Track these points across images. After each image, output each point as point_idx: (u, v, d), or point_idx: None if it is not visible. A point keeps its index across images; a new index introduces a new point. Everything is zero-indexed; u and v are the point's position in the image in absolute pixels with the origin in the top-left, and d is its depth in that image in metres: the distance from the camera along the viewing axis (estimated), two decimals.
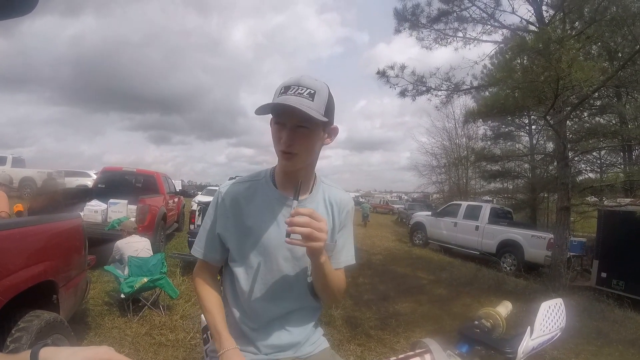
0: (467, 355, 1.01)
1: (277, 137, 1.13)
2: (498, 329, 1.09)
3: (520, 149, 17.46)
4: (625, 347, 4.92)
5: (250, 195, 1.25)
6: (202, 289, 1.29)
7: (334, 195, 1.32)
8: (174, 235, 10.50)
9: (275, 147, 1.16)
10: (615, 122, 11.62)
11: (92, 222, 6.84)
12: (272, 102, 1.08)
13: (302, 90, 1.08)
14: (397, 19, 9.15)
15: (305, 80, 1.10)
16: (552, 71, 5.83)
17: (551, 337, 1.05)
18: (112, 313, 4.57)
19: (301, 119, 1.09)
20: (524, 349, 0.96)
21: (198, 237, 1.31)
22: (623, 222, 7.28)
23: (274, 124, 1.14)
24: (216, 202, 1.27)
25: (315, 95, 1.09)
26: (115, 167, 9.89)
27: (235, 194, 1.25)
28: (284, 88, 1.09)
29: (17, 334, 2.17)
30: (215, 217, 1.27)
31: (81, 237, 3.39)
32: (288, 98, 1.07)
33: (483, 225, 11.84)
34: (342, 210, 1.31)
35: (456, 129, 25.10)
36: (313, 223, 1.03)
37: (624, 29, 7.22)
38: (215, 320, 1.21)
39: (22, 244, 2.44)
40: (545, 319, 1.02)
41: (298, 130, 1.11)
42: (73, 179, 17.84)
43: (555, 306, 1.07)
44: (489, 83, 9.30)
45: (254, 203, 1.24)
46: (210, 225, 1.28)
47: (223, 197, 1.25)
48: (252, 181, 1.28)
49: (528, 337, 0.97)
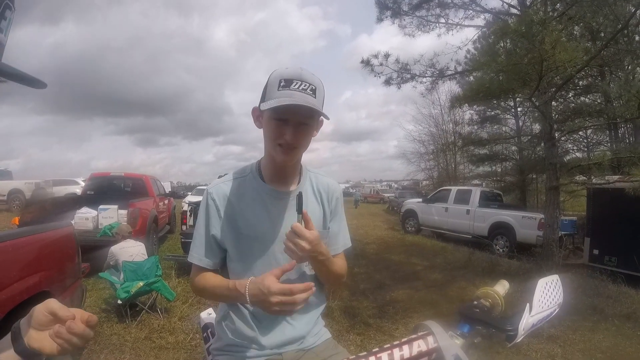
0: (468, 335, 1.02)
1: (277, 132, 1.13)
2: (497, 307, 1.10)
3: (507, 132, 17.65)
4: (621, 321, 5.00)
5: (240, 192, 1.25)
6: (202, 282, 1.26)
7: (322, 182, 1.35)
8: (167, 238, 10.46)
9: (271, 142, 1.16)
10: (600, 102, 11.76)
11: (84, 230, 6.78)
12: (283, 99, 1.06)
13: (305, 86, 1.09)
14: (379, 8, 9.15)
15: (306, 75, 1.10)
16: (536, 53, 5.87)
17: (549, 313, 1.06)
18: (110, 319, 4.55)
19: (306, 117, 1.11)
20: (524, 326, 0.97)
21: (193, 243, 1.28)
22: (612, 199, 7.37)
23: (273, 120, 1.12)
24: (206, 204, 1.26)
25: (317, 91, 1.11)
26: (103, 173, 9.81)
27: (224, 193, 1.25)
28: (285, 81, 1.09)
29: None
30: (207, 220, 1.25)
31: (73, 245, 3.36)
32: (294, 94, 1.07)
33: (474, 208, 11.94)
34: (331, 197, 1.35)
35: (442, 115, 25.24)
36: (298, 245, 1.06)
37: (605, 9, 7.27)
38: (222, 282, 1.21)
39: (15, 257, 2.42)
40: (544, 295, 1.03)
41: (300, 127, 1.12)
42: (61, 188, 17.64)
43: (552, 283, 1.08)
44: (473, 67, 9.34)
45: (245, 200, 1.24)
46: (204, 229, 1.26)
47: (213, 197, 1.25)
48: (240, 178, 1.28)
49: (527, 314, 0.98)
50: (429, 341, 0.96)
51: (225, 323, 1.30)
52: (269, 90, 1.11)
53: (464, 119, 22.01)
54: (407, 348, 0.94)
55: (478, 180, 20.37)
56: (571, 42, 6.17)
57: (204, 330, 1.68)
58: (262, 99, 1.15)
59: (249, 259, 1.24)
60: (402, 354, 0.92)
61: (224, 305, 1.32)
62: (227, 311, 1.30)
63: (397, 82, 9.41)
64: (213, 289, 1.22)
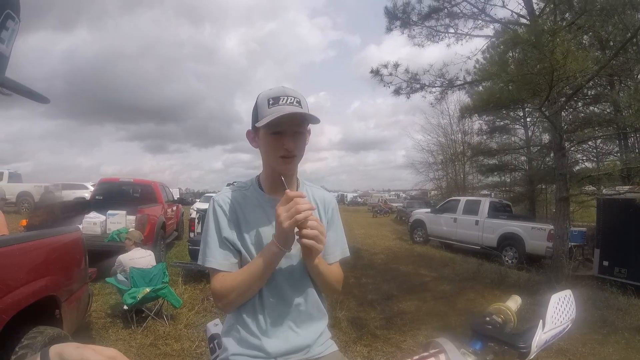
0: (480, 352, 1.00)
1: (276, 145, 1.21)
2: (509, 324, 1.08)
3: (516, 142, 17.51)
4: (631, 334, 4.92)
5: (242, 202, 1.31)
6: (229, 283, 1.22)
7: (318, 194, 1.44)
8: (174, 244, 10.48)
9: (271, 155, 1.25)
10: (609, 111, 11.65)
11: (91, 234, 6.80)
12: (276, 113, 1.15)
13: (291, 100, 1.20)
14: (388, 18, 9.16)
15: (289, 91, 1.22)
16: (547, 63, 5.83)
17: (562, 329, 1.05)
18: (116, 325, 4.55)
19: (299, 125, 1.22)
20: (537, 343, 0.95)
21: (206, 248, 1.27)
22: (622, 209, 7.28)
23: (269, 135, 1.21)
24: (213, 210, 1.30)
25: (301, 102, 1.22)
26: (112, 178, 9.87)
27: (229, 200, 1.31)
28: (273, 99, 1.20)
29: (21, 351, 2.15)
30: (217, 223, 1.28)
31: (81, 250, 3.37)
32: (284, 108, 1.18)
33: (483, 219, 11.84)
34: (327, 208, 1.43)
35: (451, 124, 25.15)
36: (320, 227, 1.15)
37: (614, 18, 7.23)
38: (251, 266, 1.21)
39: (23, 260, 2.42)
40: (556, 311, 1.01)
41: (296, 136, 1.22)
42: (70, 192, 17.77)
43: (565, 298, 1.06)
44: (482, 77, 9.31)
45: (248, 208, 1.30)
46: (215, 232, 1.27)
47: (220, 204, 1.30)
48: (241, 190, 1.35)
49: (540, 330, 0.96)
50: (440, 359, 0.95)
51: (232, 333, 1.29)
52: (260, 111, 1.21)
53: (473, 129, 21.94)
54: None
55: (487, 191, 20.22)
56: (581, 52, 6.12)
57: (210, 340, 1.67)
58: (254, 120, 1.25)
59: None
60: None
61: (230, 316, 1.32)
62: (233, 323, 1.30)
63: (406, 92, 9.39)
64: (244, 281, 1.20)
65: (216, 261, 1.24)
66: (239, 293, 1.21)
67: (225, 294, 1.21)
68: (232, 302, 1.22)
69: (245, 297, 1.23)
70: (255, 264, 1.19)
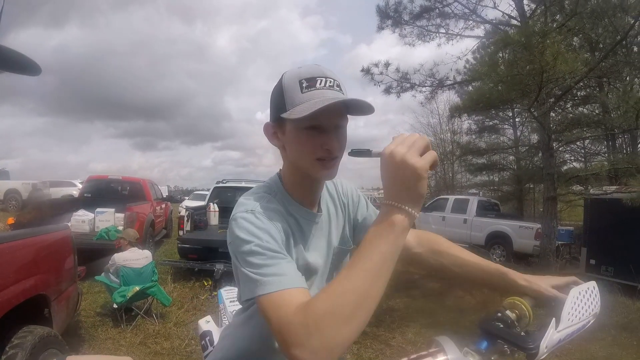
0: (485, 352, 0.92)
1: (313, 144, 0.90)
2: (524, 319, 0.99)
3: (505, 142, 17.68)
4: (617, 331, 5.00)
5: (283, 213, 0.97)
6: (325, 297, 0.70)
7: (332, 189, 1.18)
8: (163, 242, 10.42)
9: (305, 157, 0.92)
10: (598, 112, 11.82)
11: (80, 232, 6.74)
12: (317, 102, 0.85)
13: (330, 82, 0.90)
14: (380, 17, 9.23)
15: (326, 70, 0.92)
16: (536, 64, 5.91)
17: (582, 325, 0.95)
18: (105, 324, 4.52)
19: (341, 117, 0.92)
20: (548, 343, 0.87)
21: (265, 267, 0.79)
22: (609, 209, 7.39)
23: (303, 130, 0.90)
24: (256, 220, 0.87)
25: (341, 86, 0.92)
26: (101, 176, 9.79)
27: (270, 212, 0.92)
28: (307, 81, 0.88)
29: (11, 351, 2.13)
30: (270, 235, 0.86)
31: (70, 248, 3.35)
32: (325, 93, 0.88)
33: (471, 218, 11.93)
34: (347, 195, 1.20)
35: (440, 124, 25.29)
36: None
37: (604, 20, 7.34)
38: (360, 256, 0.72)
39: (12, 259, 2.40)
40: (575, 307, 0.91)
41: (339, 132, 0.93)
42: (58, 189, 17.58)
43: (587, 291, 0.96)
44: (472, 78, 9.41)
45: (290, 221, 0.99)
46: (275, 243, 0.85)
47: (262, 214, 0.90)
48: (269, 197, 0.99)
49: (553, 329, 0.87)
50: (439, 359, 0.87)
51: (230, 335, 1.17)
52: (290, 96, 0.89)
53: (462, 128, 22.07)
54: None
55: (475, 190, 20.39)
56: (570, 54, 6.21)
57: (201, 338, 1.67)
58: (278, 109, 0.92)
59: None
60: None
61: (235, 319, 1.18)
62: (231, 330, 1.18)
63: (396, 91, 9.48)
64: (357, 280, 0.69)
65: (293, 278, 0.80)
66: (353, 303, 0.68)
67: (332, 307, 0.67)
68: (339, 325, 0.66)
69: (363, 311, 0.68)
70: (366, 254, 0.72)
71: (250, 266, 0.81)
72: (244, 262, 0.83)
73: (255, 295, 0.78)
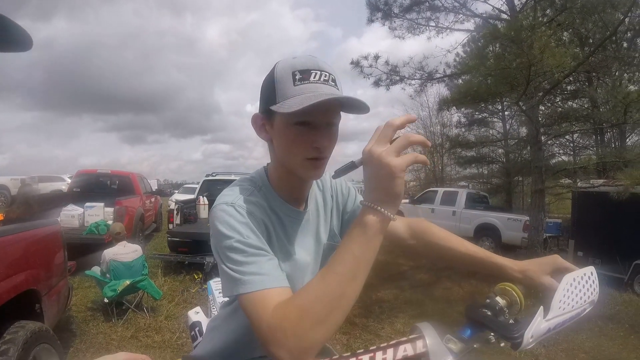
0: (469, 340, 0.89)
1: (302, 141, 0.86)
2: (515, 306, 0.95)
3: (494, 135, 17.80)
4: (604, 322, 5.11)
5: (265, 208, 0.95)
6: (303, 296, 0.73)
7: (320, 182, 1.14)
8: (153, 236, 10.41)
9: (294, 155, 0.89)
10: (587, 107, 11.96)
11: (69, 227, 6.71)
12: (309, 96, 0.80)
13: (325, 77, 0.85)
14: (370, 9, 9.23)
15: (321, 63, 0.87)
16: (524, 58, 5.96)
17: (576, 313, 0.90)
18: (96, 318, 4.53)
19: (334, 115, 0.88)
20: (534, 332, 0.83)
21: (245, 265, 0.80)
22: (597, 202, 7.50)
23: (292, 126, 0.86)
24: (236, 215, 0.86)
25: (336, 81, 0.88)
26: (89, 170, 9.73)
27: (252, 206, 0.90)
28: (300, 73, 0.84)
29: (3, 346, 2.14)
30: (252, 230, 0.85)
31: (60, 243, 3.35)
32: (319, 87, 0.83)
33: (460, 210, 12.04)
34: (336, 188, 1.18)
35: (430, 117, 25.36)
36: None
37: (594, 16, 7.41)
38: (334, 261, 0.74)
39: (2, 254, 2.40)
40: (568, 294, 0.86)
41: (331, 130, 0.89)
42: (47, 184, 17.37)
43: (583, 278, 0.90)
44: (461, 71, 9.46)
45: (272, 216, 0.97)
46: (257, 240, 0.85)
47: (244, 209, 0.88)
48: (254, 191, 0.97)
49: (539, 317, 0.83)
50: (417, 345, 0.85)
51: (217, 327, 1.17)
52: (281, 88, 0.85)
53: (452, 121, 22.12)
54: (392, 352, 0.84)
55: (465, 182, 20.53)
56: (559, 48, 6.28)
57: (191, 328, 1.69)
58: (268, 101, 0.87)
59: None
60: (384, 357, 0.82)
61: (221, 311, 1.18)
62: (218, 322, 1.17)
63: (386, 83, 9.49)
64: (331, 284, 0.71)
65: (273, 277, 0.80)
66: (327, 305, 0.70)
67: (308, 307, 0.70)
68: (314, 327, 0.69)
69: (337, 312, 0.71)
70: (340, 258, 0.73)
71: (231, 262, 0.81)
72: (225, 257, 0.83)
73: (235, 293, 0.79)
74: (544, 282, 1.01)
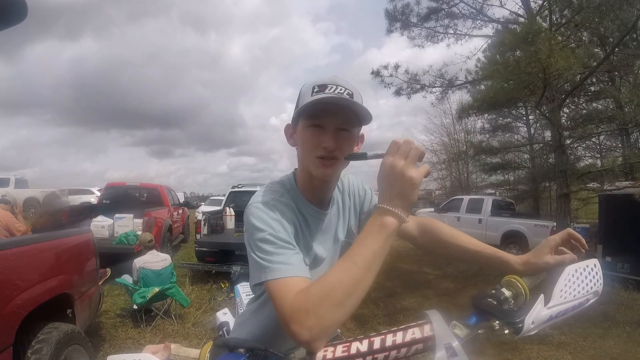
0: (473, 326, 0.93)
1: (314, 141, 0.99)
2: (520, 298, 0.98)
3: (518, 140, 17.50)
4: (632, 328, 4.98)
5: (293, 207, 1.07)
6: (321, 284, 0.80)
7: (341, 185, 1.24)
8: (181, 247, 10.61)
9: (307, 154, 1.01)
10: (612, 107, 11.67)
11: (100, 237, 6.92)
12: (316, 97, 0.94)
13: (341, 90, 0.97)
14: (389, 20, 9.32)
15: (340, 80, 0.99)
16: (537, 61, 5.91)
17: (579, 303, 0.93)
18: (125, 324, 4.67)
19: (344, 122, 0.98)
20: (535, 319, 0.86)
21: (269, 255, 0.90)
22: (623, 205, 7.29)
23: (308, 127, 0.99)
24: (264, 212, 0.97)
25: (354, 96, 0.98)
26: (119, 183, 10.04)
27: (279, 204, 1.02)
28: (319, 87, 0.97)
29: (37, 345, 2.27)
30: (281, 223, 0.97)
31: (92, 251, 3.50)
32: (333, 97, 0.95)
33: (486, 217, 11.88)
34: (354, 189, 1.28)
35: (454, 124, 25.05)
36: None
37: (611, 14, 7.28)
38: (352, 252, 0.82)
39: (38, 259, 2.55)
40: (570, 284, 0.90)
41: (340, 134, 0.99)
42: (76, 197, 17.91)
43: (586, 269, 0.94)
44: (480, 77, 9.41)
45: (300, 216, 1.08)
46: (284, 231, 0.96)
47: (271, 204, 1.00)
48: (282, 192, 1.08)
49: (540, 304, 0.86)
50: (425, 329, 0.89)
51: (245, 322, 1.24)
52: (302, 100, 0.99)
53: (476, 127, 21.86)
54: (401, 334, 0.88)
55: (491, 189, 20.19)
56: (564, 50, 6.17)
57: (219, 328, 1.79)
58: (294, 111, 1.03)
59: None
60: (394, 339, 0.86)
61: (248, 307, 1.26)
62: (245, 317, 1.26)
63: (407, 92, 9.55)
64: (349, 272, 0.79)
65: (298, 268, 0.89)
66: (346, 291, 0.77)
67: (325, 295, 0.77)
68: (333, 309, 0.77)
69: (354, 297, 0.79)
70: (358, 250, 0.81)
71: (261, 252, 0.91)
72: (256, 247, 0.93)
73: (263, 280, 0.88)
74: (549, 261, 1.07)
